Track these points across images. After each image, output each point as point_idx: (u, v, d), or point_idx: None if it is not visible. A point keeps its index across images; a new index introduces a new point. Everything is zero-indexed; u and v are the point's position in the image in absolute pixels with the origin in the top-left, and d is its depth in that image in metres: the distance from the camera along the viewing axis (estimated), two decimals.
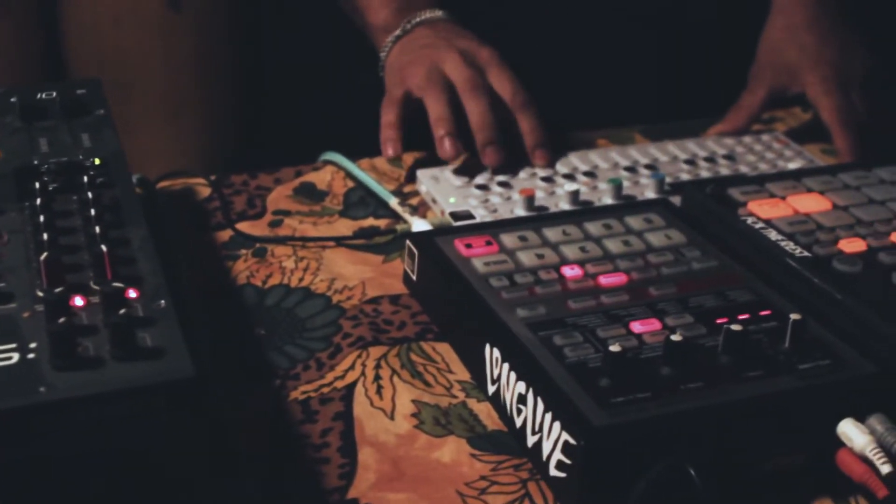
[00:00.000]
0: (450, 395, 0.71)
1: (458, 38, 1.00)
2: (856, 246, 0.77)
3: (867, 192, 0.85)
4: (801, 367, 0.65)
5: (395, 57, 1.01)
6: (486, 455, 0.66)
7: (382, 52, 1.02)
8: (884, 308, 0.70)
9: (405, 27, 1.02)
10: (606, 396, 0.61)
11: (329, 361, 0.74)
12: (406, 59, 1.00)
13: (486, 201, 0.90)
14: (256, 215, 0.91)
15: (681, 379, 0.63)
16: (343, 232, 0.89)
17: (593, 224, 0.80)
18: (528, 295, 0.71)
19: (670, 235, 0.79)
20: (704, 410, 0.61)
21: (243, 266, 0.84)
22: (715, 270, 0.75)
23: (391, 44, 1.01)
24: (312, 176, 0.97)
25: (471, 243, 0.77)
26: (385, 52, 1.02)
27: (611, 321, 0.68)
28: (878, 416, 0.63)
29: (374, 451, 0.66)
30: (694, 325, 0.68)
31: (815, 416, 0.63)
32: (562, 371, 0.64)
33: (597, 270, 0.74)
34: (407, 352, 0.75)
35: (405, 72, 0.99)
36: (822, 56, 1.00)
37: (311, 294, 0.81)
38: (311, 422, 0.68)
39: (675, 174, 0.96)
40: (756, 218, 0.81)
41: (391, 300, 0.80)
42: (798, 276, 0.75)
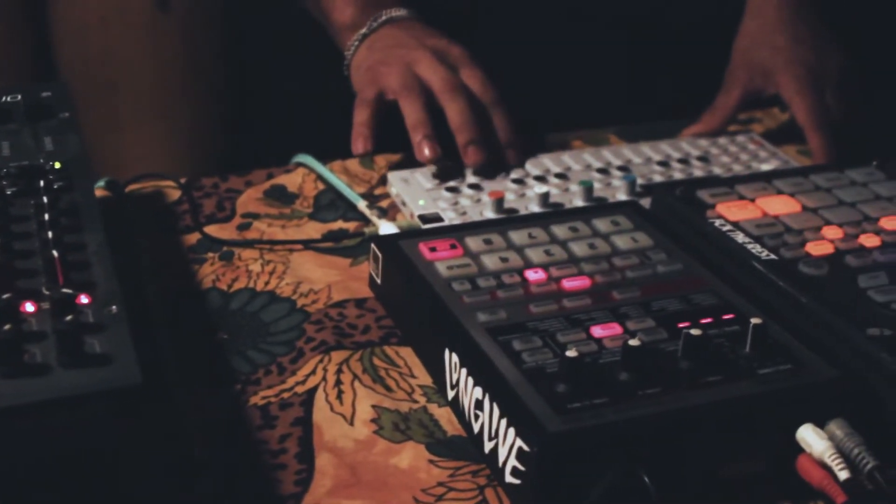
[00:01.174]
0: (411, 400, 0.70)
1: (428, 37, 0.99)
2: (823, 248, 0.77)
3: (838, 193, 0.85)
4: (760, 372, 0.64)
5: (363, 56, 1.00)
6: (444, 461, 0.65)
7: (348, 50, 1.02)
8: (848, 311, 0.69)
9: (371, 25, 1.01)
10: (563, 402, 0.61)
11: (291, 366, 0.73)
12: (376, 58, 0.99)
13: (455, 203, 0.89)
14: (225, 218, 0.90)
15: (639, 384, 0.62)
16: (312, 235, 0.88)
17: (560, 227, 0.79)
18: (489, 299, 0.71)
19: (637, 238, 0.78)
20: (661, 416, 0.60)
21: (209, 269, 0.83)
22: (680, 274, 0.74)
23: (357, 42, 1.01)
24: (284, 178, 0.96)
25: (435, 247, 0.76)
26: (351, 51, 1.01)
27: (571, 325, 0.68)
28: (838, 422, 0.62)
29: (331, 457, 0.65)
30: (655, 330, 0.68)
31: (775, 421, 0.62)
32: (519, 376, 0.63)
33: (560, 274, 0.74)
34: (370, 356, 0.74)
35: (377, 71, 0.98)
36: (796, 56, 0.99)
37: (276, 298, 0.80)
38: (270, 427, 0.68)
39: (647, 176, 0.95)
40: (724, 220, 0.80)
41: (357, 304, 0.80)
42: (763, 279, 0.74)
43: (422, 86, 0.96)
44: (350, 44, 1.01)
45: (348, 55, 1.02)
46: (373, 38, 1.00)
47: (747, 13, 1.06)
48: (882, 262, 0.75)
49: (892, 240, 0.78)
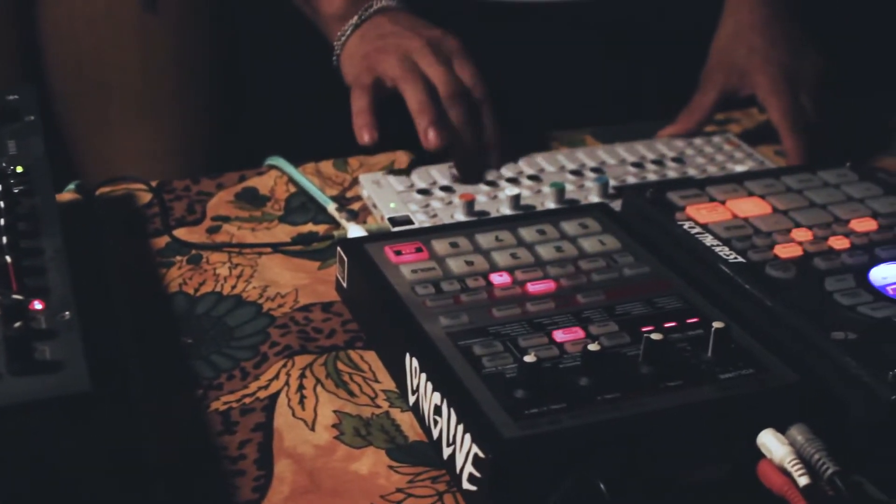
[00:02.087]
0: (374, 405, 0.70)
1: (422, 26, 0.99)
2: (791, 251, 0.76)
3: (809, 195, 0.84)
4: (722, 377, 0.63)
5: (355, 45, 0.99)
6: (403, 467, 0.65)
7: (338, 41, 1.01)
8: (813, 315, 0.69)
9: (362, 15, 1.00)
10: (520, 408, 0.60)
11: (254, 371, 0.73)
12: (370, 46, 0.98)
13: (426, 206, 0.89)
14: (195, 221, 0.90)
15: (598, 389, 0.62)
16: (281, 238, 0.88)
17: (528, 229, 0.79)
18: (452, 303, 0.70)
19: (604, 241, 0.78)
20: (619, 422, 0.60)
21: (177, 273, 0.83)
22: (646, 277, 0.74)
23: (349, 32, 1.00)
24: (256, 181, 0.96)
25: (400, 250, 0.76)
26: (342, 41, 1.00)
27: (534, 330, 0.67)
28: (800, 427, 0.61)
29: (290, 463, 0.65)
30: (618, 334, 0.67)
31: (735, 426, 0.62)
32: (477, 382, 0.62)
33: (525, 277, 0.73)
34: (334, 360, 0.74)
35: (372, 59, 0.97)
36: (772, 57, 0.99)
37: (243, 302, 0.80)
38: (230, 433, 0.67)
39: (621, 177, 0.94)
40: (693, 223, 0.80)
41: (323, 308, 0.79)
42: (730, 282, 0.73)
43: (421, 73, 0.95)
44: (340, 34, 1.00)
45: (338, 45, 1.01)
46: (364, 28, 0.99)
47: (725, 14, 1.05)
48: (850, 264, 0.74)
49: (861, 242, 0.77)
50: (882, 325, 0.67)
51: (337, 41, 1.02)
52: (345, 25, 1.01)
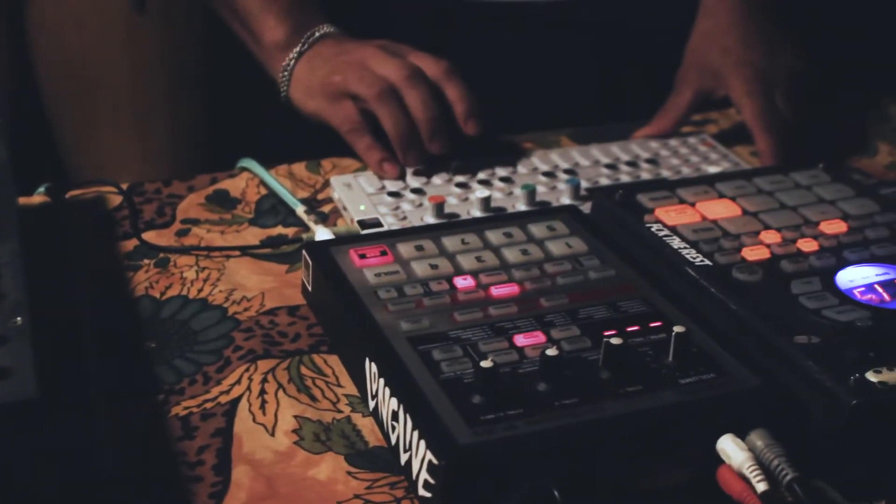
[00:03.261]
0: (335, 410, 0.69)
1: (367, 42, 0.98)
2: (759, 254, 0.75)
3: (780, 197, 0.83)
4: (682, 382, 0.63)
5: (303, 72, 0.97)
6: (362, 472, 0.64)
7: (283, 72, 0.99)
8: (778, 319, 0.68)
9: (305, 42, 0.98)
10: (476, 414, 0.60)
11: (216, 375, 0.72)
12: (322, 72, 0.96)
13: (396, 208, 0.88)
14: (165, 224, 0.89)
15: (556, 394, 0.61)
16: (250, 241, 0.87)
17: (494, 232, 0.78)
18: (414, 307, 0.70)
19: (571, 244, 0.77)
20: (576, 427, 0.59)
21: (143, 277, 0.82)
22: (612, 280, 0.73)
23: (294, 60, 0.98)
24: (227, 183, 0.95)
25: (365, 253, 0.75)
26: (288, 71, 0.99)
27: (495, 334, 0.67)
28: (760, 432, 0.61)
29: (249, 469, 0.64)
30: (579, 338, 0.66)
31: (695, 431, 0.61)
32: (435, 387, 0.62)
33: (490, 281, 0.73)
34: (297, 365, 0.73)
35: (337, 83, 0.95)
36: (746, 58, 0.98)
37: (208, 306, 0.79)
38: (189, 438, 0.67)
39: (594, 179, 0.94)
40: (661, 225, 0.79)
41: (289, 311, 0.79)
42: (696, 285, 0.73)
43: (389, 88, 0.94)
44: (285, 63, 0.99)
45: (284, 77, 0.99)
46: (309, 55, 0.98)
47: (700, 15, 1.05)
48: (818, 267, 0.74)
49: (830, 244, 0.77)
50: (845, 329, 0.66)
51: (282, 73, 0.99)
52: (289, 54, 0.99)
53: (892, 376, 0.63)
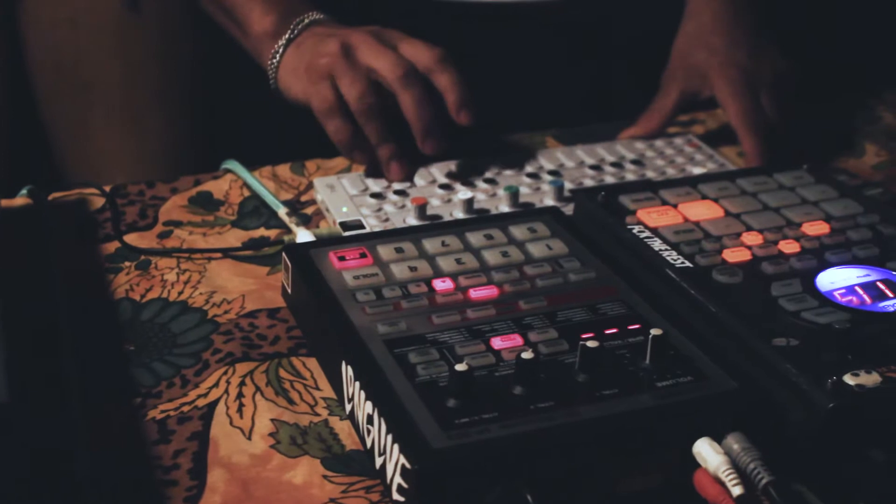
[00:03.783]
0: (313, 414, 0.69)
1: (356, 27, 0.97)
2: (740, 255, 0.75)
3: (763, 198, 0.83)
4: (659, 385, 0.63)
5: (292, 58, 0.96)
6: (338, 476, 0.64)
7: (272, 59, 0.98)
8: (757, 321, 0.68)
9: (294, 29, 0.97)
10: (451, 417, 0.59)
11: (194, 378, 0.72)
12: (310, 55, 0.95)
13: (379, 210, 0.88)
14: (147, 226, 0.89)
15: (532, 398, 0.61)
16: (233, 243, 0.87)
17: (475, 234, 0.78)
18: (392, 310, 0.69)
19: (552, 246, 0.77)
20: (550, 431, 0.59)
21: (124, 279, 0.82)
22: (591, 282, 0.73)
23: (283, 48, 0.98)
24: (211, 185, 0.95)
25: (344, 256, 0.75)
26: (277, 58, 0.98)
27: (472, 337, 0.66)
28: (736, 435, 0.61)
29: (224, 473, 0.64)
30: (556, 341, 0.66)
31: (672, 435, 0.61)
32: (410, 391, 0.62)
33: (469, 283, 0.72)
34: (276, 368, 0.73)
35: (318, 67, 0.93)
36: (731, 59, 0.98)
37: (188, 308, 0.79)
38: (165, 442, 0.66)
39: (579, 180, 0.93)
40: (643, 226, 0.79)
41: (269, 314, 0.78)
42: (677, 287, 0.73)
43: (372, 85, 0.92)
44: (274, 51, 0.98)
45: (273, 64, 0.98)
46: (298, 41, 0.97)
47: (686, 15, 1.04)
48: (798, 269, 0.74)
49: (812, 246, 0.77)
50: (824, 332, 0.66)
51: (271, 60, 0.98)
52: (277, 42, 0.98)
53: (870, 379, 0.62)
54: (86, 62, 1.41)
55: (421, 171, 0.94)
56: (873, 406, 0.62)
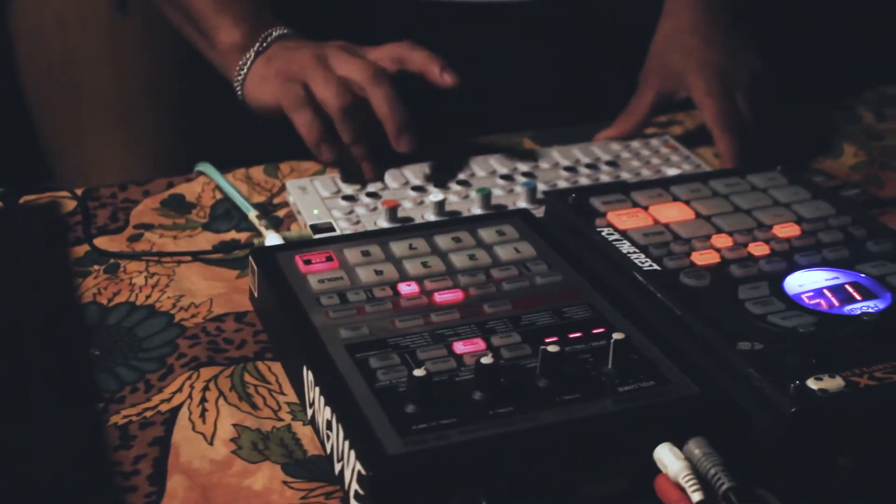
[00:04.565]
0: (276, 419, 0.68)
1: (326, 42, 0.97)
2: (708, 258, 0.74)
3: (735, 200, 0.82)
4: (621, 390, 0.62)
5: (261, 69, 0.96)
6: (298, 482, 0.63)
7: (239, 71, 0.97)
8: (722, 325, 0.67)
9: (263, 42, 0.97)
10: (409, 423, 0.59)
11: (158, 383, 0.71)
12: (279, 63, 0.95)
13: (350, 212, 0.87)
14: (117, 229, 0.88)
15: (492, 403, 0.61)
16: (203, 246, 0.86)
17: (443, 237, 0.77)
18: (356, 314, 0.69)
19: (520, 249, 0.76)
20: (509, 436, 0.58)
21: (92, 283, 0.81)
22: (558, 286, 0.72)
23: (251, 59, 0.97)
24: (184, 188, 0.95)
25: (310, 259, 0.74)
26: (244, 70, 0.97)
27: (434, 341, 0.66)
28: (698, 440, 0.60)
29: (184, 479, 0.64)
30: (519, 346, 0.66)
31: (633, 440, 0.60)
32: (369, 396, 0.61)
33: (434, 287, 0.72)
34: (241, 372, 0.72)
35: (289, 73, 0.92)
36: (707, 59, 0.97)
37: (155, 312, 0.78)
38: (126, 448, 0.66)
39: (553, 182, 0.93)
40: (612, 229, 0.78)
41: (236, 318, 0.78)
42: (644, 290, 0.72)
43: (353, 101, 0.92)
44: (242, 63, 0.97)
45: (240, 76, 0.97)
46: (268, 54, 0.96)
47: (663, 16, 1.03)
48: (767, 271, 0.73)
49: (781, 248, 0.76)
50: (789, 335, 0.66)
51: (238, 72, 0.98)
52: (245, 55, 0.98)
53: (834, 383, 0.62)
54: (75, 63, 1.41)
55: (394, 172, 0.93)
56: (837, 411, 0.61)
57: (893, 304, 0.70)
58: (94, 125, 1.45)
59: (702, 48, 0.98)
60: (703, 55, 0.98)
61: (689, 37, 0.99)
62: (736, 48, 0.99)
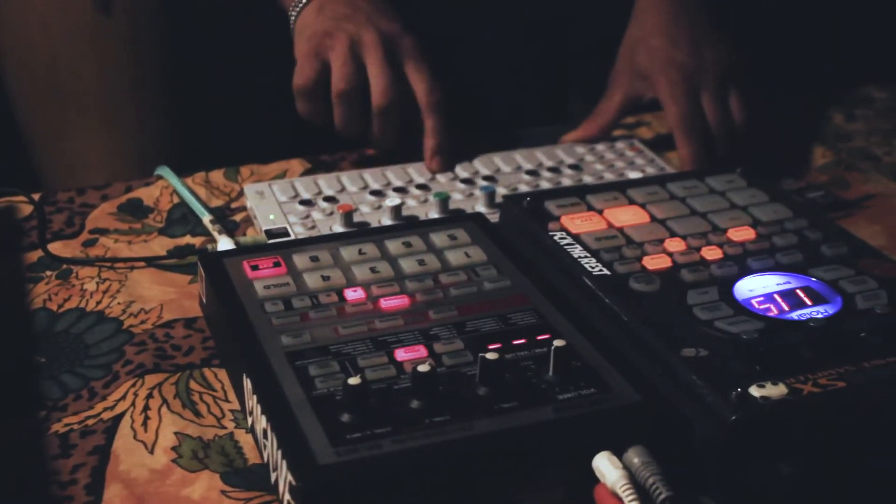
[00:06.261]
0: (219, 426, 0.68)
1: (381, 16, 0.96)
2: (660, 262, 0.74)
3: (692, 203, 0.82)
4: (560, 398, 0.61)
5: (310, 18, 0.95)
6: (237, 491, 0.63)
7: (294, 9, 0.97)
8: (668, 331, 0.66)
9: None
10: (343, 432, 0.58)
11: (102, 391, 0.71)
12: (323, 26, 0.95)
13: (306, 217, 0.87)
14: (73, 234, 0.88)
15: (429, 412, 0.60)
16: (158, 251, 0.86)
17: (394, 242, 0.77)
18: (299, 321, 0.68)
19: (470, 253, 0.75)
20: (443, 446, 0.58)
21: (43, 289, 0.81)
22: (506, 291, 0.72)
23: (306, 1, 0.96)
24: (142, 192, 0.94)
25: (258, 265, 0.74)
26: (298, 10, 0.96)
27: (376, 348, 0.65)
28: (637, 449, 0.59)
29: (122, 488, 0.63)
30: (461, 353, 0.65)
31: (572, 449, 0.60)
32: (305, 404, 0.60)
33: (381, 293, 0.71)
34: (187, 379, 0.72)
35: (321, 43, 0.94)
36: (673, 59, 0.96)
37: (104, 318, 0.78)
38: (66, 456, 0.65)
39: (514, 185, 0.92)
40: (565, 233, 0.77)
41: (186, 324, 0.77)
42: (592, 295, 0.71)
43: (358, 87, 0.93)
44: (297, 1, 0.97)
45: (294, 15, 0.97)
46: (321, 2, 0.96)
47: (632, 17, 1.02)
48: (718, 276, 0.72)
49: (735, 252, 0.75)
50: (734, 341, 0.65)
51: (293, 10, 0.97)
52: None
53: (776, 391, 0.61)
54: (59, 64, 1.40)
55: (353, 176, 0.92)
56: (779, 418, 0.60)
57: (843, 310, 0.69)
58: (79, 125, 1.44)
59: (667, 48, 0.97)
60: (668, 55, 0.97)
61: (655, 38, 0.98)
62: (703, 48, 0.97)
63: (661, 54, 0.97)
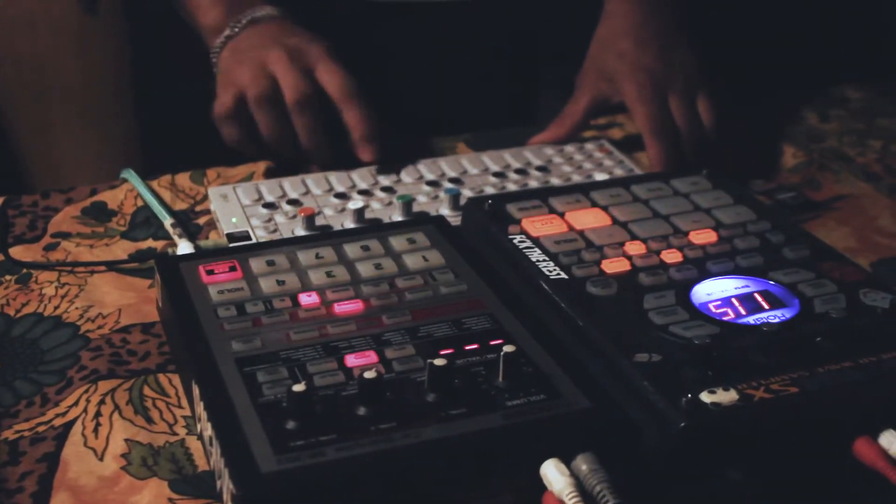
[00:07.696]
0: (170, 433, 0.67)
1: (288, 35, 0.96)
2: (619, 266, 0.73)
3: (655, 205, 0.81)
4: (509, 404, 0.61)
5: (226, 59, 0.96)
6: (184, 499, 0.62)
7: (214, 54, 0.97)
8: (622, 335, 0.66)
9: (234, 28, 0.97)
10: (287, 440, 0.57)
11: (55, 397, 0.70)
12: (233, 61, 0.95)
13: (269, 220, 0.86)
14: (34, 238, 0.87)
15: (375, 419, 0.59)
16: (120, 255, 0.85)
17: (352, 246, 0.76)
18: (251, 326, 0.67)
19: (428, 257, 0.75)
20: (387, 453, 0.57)
21: (2, 293, 0.80)
22: (461, 296, 0.71)
23: (221, 45, 0.96)
24: (107, 195, 0.93)
25: (213, 269, 0.73)
26: (216, 56, 0.97)
27: (326, 354, 0.65)
28: (586, 456, 0.59)
29: (69, 496, 0.62)
30: (412, 358, 0.64)
31: (519, 456, 0.59)
32: (251, 411, 0.60)
33: (335, 297, 0.70)
34: (141, 385, 0.71)
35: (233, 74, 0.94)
36: (640, 63, 0.95)
37: (61, 323, 0.77)
38: (14, 464, 0.65)
39: (480, 188, 0.91)
40: (525, 236, 0.77)
41: (143, 329, 0.77)
42: (548, 300, 0.71)
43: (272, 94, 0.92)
44: (215, 47, 0.97)
45: (214, 60, 0.97)
46: (236, 41, 0.96)
47: (601, 19, 1.02)
48: (676, 279, 0.72)
49: (695, 255, 0.75)
50: (687, 347, 0.64)
51: (213, 55, 0.98)
52: (219, 38, 0.98)
53: (727, 396, 0.60)
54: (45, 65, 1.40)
55: (319, 178, 0.92)
56: (729, 424, 0.60)
57: (800, 314, 0.68)
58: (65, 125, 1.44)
59: (634, 50, 0.96)
60: (636, 58, 0.96)
61: (623, 40, 0.97)
62: (671, 51, 0.97)
63: (630, 57, 0.96)
